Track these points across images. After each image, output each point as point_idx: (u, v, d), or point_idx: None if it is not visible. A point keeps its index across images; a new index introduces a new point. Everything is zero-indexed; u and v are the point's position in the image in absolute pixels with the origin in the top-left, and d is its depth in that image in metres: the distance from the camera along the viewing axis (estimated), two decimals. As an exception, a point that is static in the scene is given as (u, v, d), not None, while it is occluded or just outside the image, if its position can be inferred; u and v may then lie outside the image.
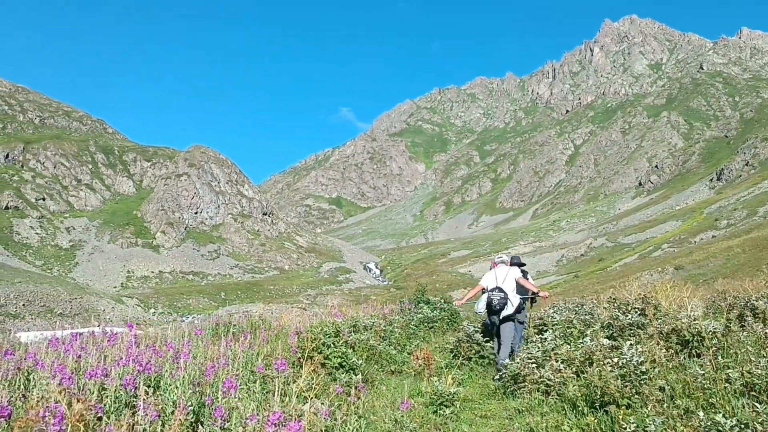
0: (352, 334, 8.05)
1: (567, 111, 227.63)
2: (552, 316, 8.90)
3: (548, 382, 5.60)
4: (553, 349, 6.36)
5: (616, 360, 5.08)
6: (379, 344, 8.21)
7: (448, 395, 5.66)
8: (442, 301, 13.48)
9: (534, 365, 6.00)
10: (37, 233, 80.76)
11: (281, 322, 10.60)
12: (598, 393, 4.85)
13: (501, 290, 8.51)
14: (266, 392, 4.43)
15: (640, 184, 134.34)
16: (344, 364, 6.66)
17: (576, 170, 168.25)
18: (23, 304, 49.34)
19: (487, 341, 7.92)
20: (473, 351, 7.80)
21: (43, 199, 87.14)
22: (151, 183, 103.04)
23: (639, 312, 7.28)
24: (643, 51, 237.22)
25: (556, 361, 5.84)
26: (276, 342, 7.51)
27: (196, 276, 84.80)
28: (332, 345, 6.80)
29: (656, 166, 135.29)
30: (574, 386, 5.21)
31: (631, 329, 6.75)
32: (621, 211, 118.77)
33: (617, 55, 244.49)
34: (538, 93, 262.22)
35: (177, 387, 3.96)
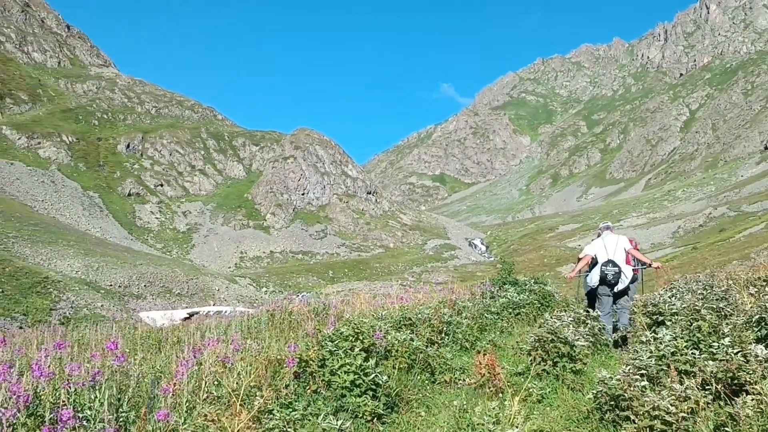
0: (391, 332, 5.97)
1: (681, 74, 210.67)
2: (669, 302, 6.57)
3: (666, 416, 3.45)
4: (672, 355, 4.27)
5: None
6: (430, 345, 6.16)
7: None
8: (533, 281, 11.45)
9: (644, 383, 3.82)
10: (156, 218, 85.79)
11: (348, 307, 9.35)
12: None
13: (614, 264, 8.20)
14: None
15: (766, 147, 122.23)
16: (360, 382, 4.52)
17: (692, 136, 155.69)
18: (145, 285, 52.07)
19: (578, 339, 5.68)
20: (559, 353, 5.56)
21: (161, 185, 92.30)
22: (259, 166, 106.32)
23: (808, 301, 4.65)
24: None
25: (680, 379, 3.77)
26: (301, 341, 5.84)
27: (305, 255, 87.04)
28: (343, 354, 4.68)
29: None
30: (710, 430, 3.15)
31: (797, 328, 4.28)
32: (744, 178, 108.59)
33: (737, 10, 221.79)
34: (648, 57, 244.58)
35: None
